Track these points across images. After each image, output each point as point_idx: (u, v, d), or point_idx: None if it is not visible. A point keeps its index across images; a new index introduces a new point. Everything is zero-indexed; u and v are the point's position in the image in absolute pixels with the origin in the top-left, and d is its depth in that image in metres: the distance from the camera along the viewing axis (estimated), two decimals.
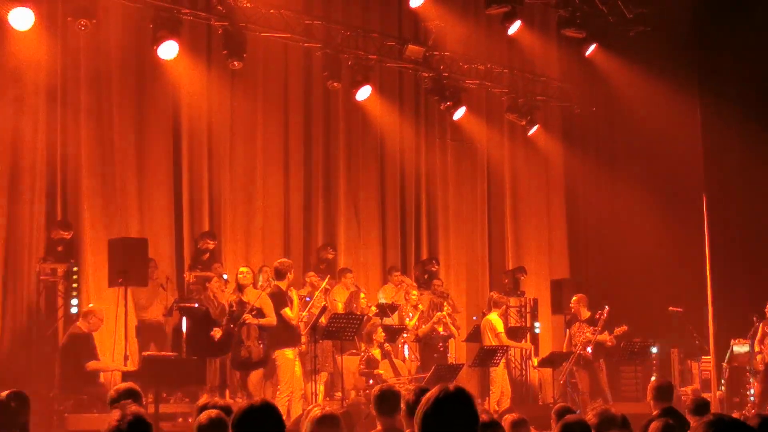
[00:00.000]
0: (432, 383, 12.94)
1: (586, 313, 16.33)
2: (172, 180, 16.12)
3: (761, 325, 16.12)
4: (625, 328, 16.64)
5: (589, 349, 16.06)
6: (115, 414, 4.83)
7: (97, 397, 12.33)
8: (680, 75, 18.71)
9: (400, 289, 17.03)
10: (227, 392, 13.84)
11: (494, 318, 16.07)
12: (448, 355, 16.59)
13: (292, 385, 13.61)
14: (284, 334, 13.62)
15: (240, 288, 13.70)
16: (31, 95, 14.45)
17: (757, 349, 16.17)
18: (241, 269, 13.95)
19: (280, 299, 13.61)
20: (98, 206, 15.16)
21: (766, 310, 16.08)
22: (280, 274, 13.86)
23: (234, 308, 13.49)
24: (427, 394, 4.07)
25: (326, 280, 14.90)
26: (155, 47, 14.71)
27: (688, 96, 18.86)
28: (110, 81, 15.44)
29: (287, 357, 13.61)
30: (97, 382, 13.02)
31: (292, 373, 13.58)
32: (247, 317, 13.21)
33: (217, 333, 13.46)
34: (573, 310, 16.50)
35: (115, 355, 13.68)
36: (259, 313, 13.46)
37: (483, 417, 6.91)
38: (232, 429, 4.41)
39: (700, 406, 8.22)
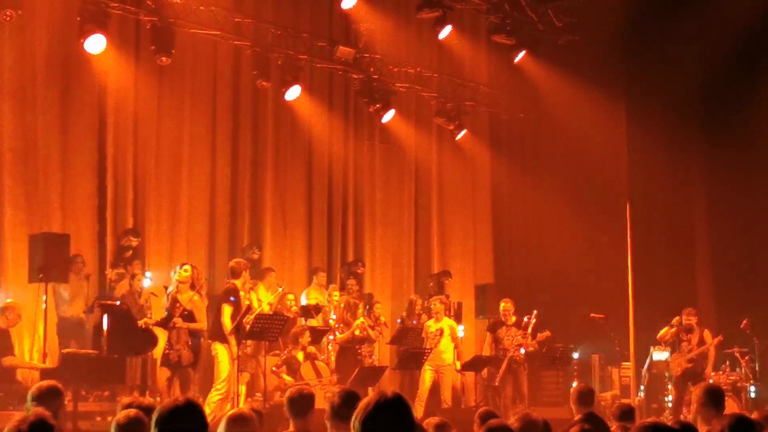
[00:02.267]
0: (355, 385, 12.98)
1: (512, 318, 16.49)
2: (96, 176, 15.90)
3: (675, 330, 16.41)
4: (548, 333, 16.81)
5: (522, 351, 16.25)
6: (18, 415, 4.81)
7: (14, 394, 12.12)
8: (607, 84, 18.96)
9: (323, 290, 17.00)
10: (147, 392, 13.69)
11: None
12: (370, 358, 16.53)
13: (229, 383, 13.49)
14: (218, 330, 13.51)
15: (177, 285, 13.49)
16: None
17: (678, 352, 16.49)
18: (186, 267, 13.68)
19: (226, 295, 13.55)
20: (20, 200, 14.89)
21: (684, 320, 16.35)
22: (234, 273, 13.84)
23: (167, 305, 13.31)
24: (366, 400, 4.14)
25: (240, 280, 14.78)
26: (82, 41, 14.50)
27: (614, 105, 19.16)
28: (35, 74, 15.17)
29: (227, 351, 13.52)
30: (14, 380, 12.77)
31: (230, 369, 13.49)
32: (177, 321, 13.06)
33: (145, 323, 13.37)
34: (502, 315, 16.61)
35: (34, 352, 13.46)
36: (190, 316, 13.34)
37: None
38: (154, 428, 4.33)
39: (626, 412, 8.29)
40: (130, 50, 16.11)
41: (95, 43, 14.53)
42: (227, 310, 13.43)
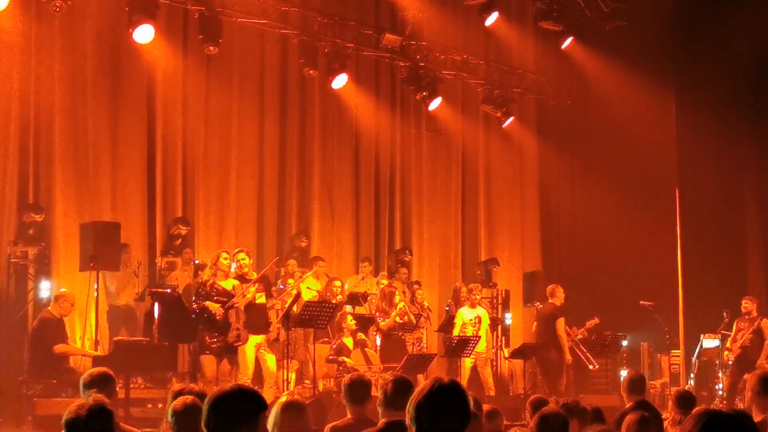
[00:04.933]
0: (404, 373, 12.96)
1: None
2: (146, 165, 16.03)
3: (736, 321, 16.20)
4: (596, 320, 16.72)
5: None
6: (78, 401, 4.83)
7: (67, 381, 12.25)
8: (655, 70, 18.79)
9: (366, 279, 17.01)
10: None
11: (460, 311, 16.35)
12: (419, 346, 16.53)
13: (249, 372, 13.61)
14: (255, 319, 13.57)
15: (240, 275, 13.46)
16: (3, 79, 14.31)
17: (728, 345, 16.25)
18: (225, 254, 13.59)
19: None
20: (71, 189, 15.04)
21: (742, 307, 16.14)
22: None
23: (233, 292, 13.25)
24: (422, 386, 4.08)
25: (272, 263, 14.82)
26: (131, 31, 14.60)
27: (663, 91, 18.98)
28: (84, 64, 15.29)
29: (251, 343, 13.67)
30: (67, 367, 12.90)
31: (252, 358, 13.60)
32: (237, 301, 13.08)
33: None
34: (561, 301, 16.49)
35: (85, 340, 13.60)
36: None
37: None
38: (210, 411, 4.30)
39: (687, 400, 8.18)
40: (178, 40, 16.21)
41: (144, 33, 14.63)
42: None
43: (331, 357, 14.41)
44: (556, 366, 16.21)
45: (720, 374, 16.81)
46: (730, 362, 16.11)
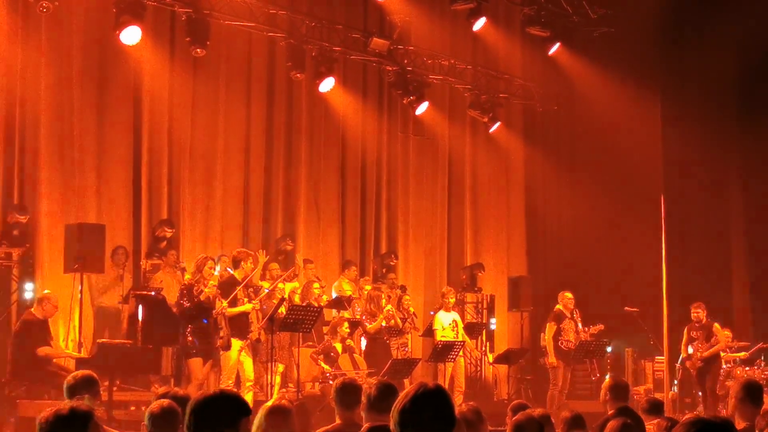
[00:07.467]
0: (388, 377, 12.94)
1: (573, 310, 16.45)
2: (132, 167, 16.00)
3: (687, 328, 16.33)
4: (601, 326, 16.76)
5: None
6: (56, 405, 4.78)
7: (50, 383, 12.21)
8: (642, 76, 18.86)
9: (352, 284, 16.98)
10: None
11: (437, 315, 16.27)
12: (404, 350, 16.50)
13: (233, 377, 13.44)
14: (239, 324, 13.46)
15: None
16: None
17: (683, 354, 16.38)
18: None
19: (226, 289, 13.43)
20: (56, 191, 15.01)
21: (692, 315, 16.27)
22: (235, 263, 13.67)
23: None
24: (406, 391, 4.07)
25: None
26: (118, 32, 14.55)
27: (650, 97, 19.04)
28: (71, 65, 15.27)
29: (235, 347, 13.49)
30: (50, 369, 12.84)
31: (235, 363, 13.42)
32: (223, 305, 12.98)
33: None
34: (565, 307, 16.38)
35: (69, 342, 13.56)
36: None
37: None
38: (192, 415, 4.28)
39: (655, 406, 8.25)
40: (166, 42, 16.19)
41: (131, 35, 14.57)
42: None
43: (313, 354, 14.39)
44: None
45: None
46: (678, 365, 16.27)
